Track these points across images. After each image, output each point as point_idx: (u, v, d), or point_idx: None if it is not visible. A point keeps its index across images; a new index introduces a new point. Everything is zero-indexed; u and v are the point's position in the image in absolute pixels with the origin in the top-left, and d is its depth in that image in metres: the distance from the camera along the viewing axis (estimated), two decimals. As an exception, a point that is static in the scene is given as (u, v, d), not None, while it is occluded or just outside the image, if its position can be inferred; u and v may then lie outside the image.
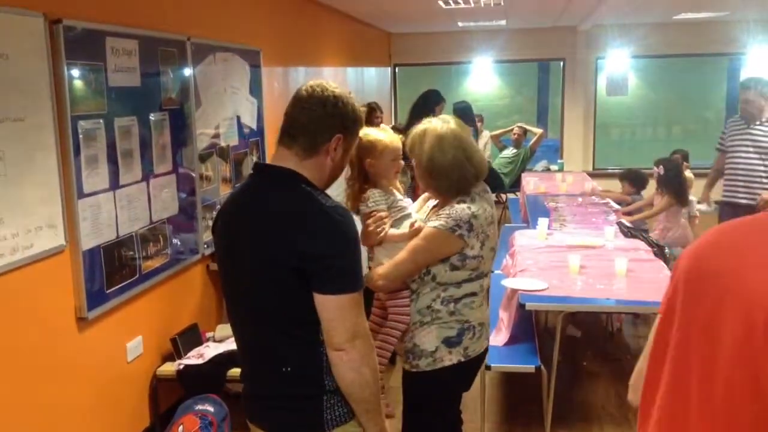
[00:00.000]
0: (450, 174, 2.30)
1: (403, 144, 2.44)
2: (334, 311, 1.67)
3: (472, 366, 2.42)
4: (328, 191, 1.84)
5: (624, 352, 4.81)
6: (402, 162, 2.45)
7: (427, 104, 5.89)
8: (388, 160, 2.40)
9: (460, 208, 2.28)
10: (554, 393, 3.61)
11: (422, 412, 2.46)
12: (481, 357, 2.46)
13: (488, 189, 2.44)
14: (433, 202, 2.55)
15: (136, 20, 3.33)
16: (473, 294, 2.36)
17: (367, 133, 2.33)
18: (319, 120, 1.76)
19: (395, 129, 6.23)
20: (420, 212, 2.57)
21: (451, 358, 2.34)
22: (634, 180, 6.48)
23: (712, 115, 12.06)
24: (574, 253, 3.99)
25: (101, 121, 3.02)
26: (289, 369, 1.75)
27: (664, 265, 3.98)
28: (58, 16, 2.73)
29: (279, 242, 1.70)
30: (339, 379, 1.72)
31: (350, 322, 1.68)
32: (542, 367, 3.46)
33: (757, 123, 5.07)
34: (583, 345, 4.86)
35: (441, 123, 2.36)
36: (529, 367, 3.44)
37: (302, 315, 1.70)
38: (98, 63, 3.00)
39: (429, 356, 2.34)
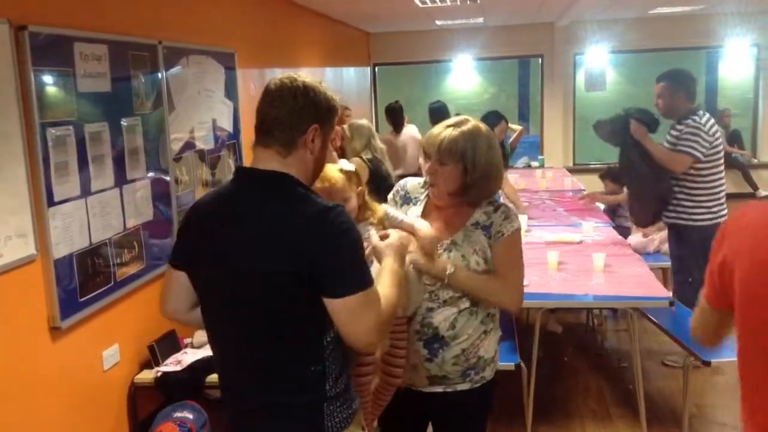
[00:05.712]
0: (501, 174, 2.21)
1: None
2: (353, 312, 1.59)
3: None
4: None
5: (604, 347, 4.83)
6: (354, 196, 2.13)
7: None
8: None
9: (511, 207, 2.28)
10: (535, 389, 3.62)
11: (486, 421, 2.41)
12: None
13: None
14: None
15: (105, 25, 3.29)
16: None
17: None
18: (292, 112, 1.68)
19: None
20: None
21: (498, 356, 2.35)
22: (616, 177, 6.49)
23: (691, 108, 12.09)
24: (552, 250, 4.01)
25: (71, 127, 2.98)
26: (317, 368, 1.66)
27: (641, 259, 4.00)
28: (24, 23, 2.70)
29: (280, 248, 1.60)
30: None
31: (372, 320, 1.62)
32: (522, 364, 3.46)
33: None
34: (563, 341, 4.88)
35: (476, 122, 2.18)
36: (509, 365, 3.44)
37: (305, 321, 1.64)
38: (67, 69, 2.97)
39: (491, 362, 2.29)
